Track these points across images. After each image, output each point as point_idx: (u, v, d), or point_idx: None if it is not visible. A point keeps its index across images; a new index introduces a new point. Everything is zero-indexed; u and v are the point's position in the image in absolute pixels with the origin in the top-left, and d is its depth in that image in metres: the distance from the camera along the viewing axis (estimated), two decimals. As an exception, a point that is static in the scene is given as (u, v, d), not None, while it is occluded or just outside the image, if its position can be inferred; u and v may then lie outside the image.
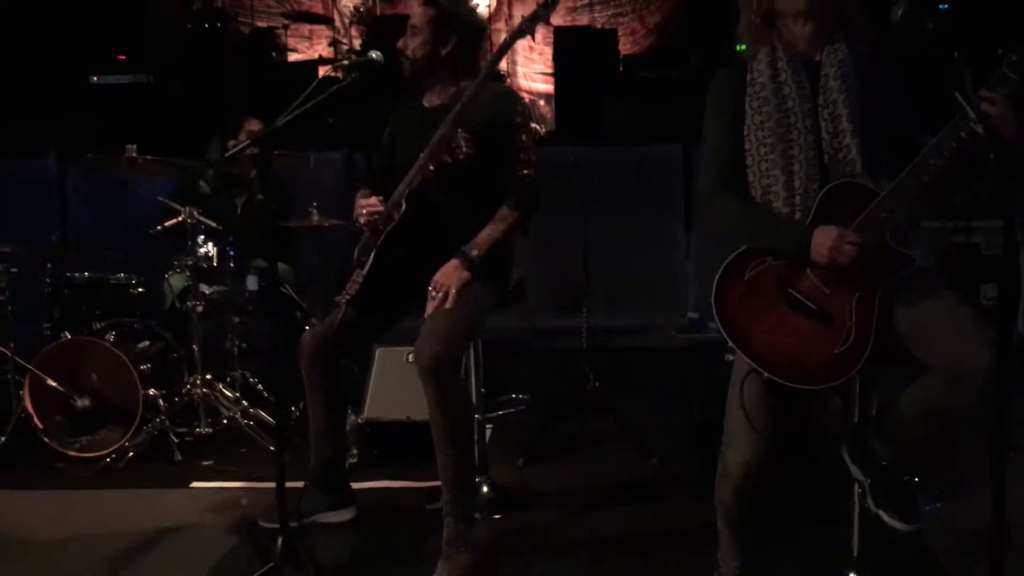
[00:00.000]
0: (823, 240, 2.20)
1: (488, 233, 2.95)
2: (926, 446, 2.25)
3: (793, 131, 2.29)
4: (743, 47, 2.45)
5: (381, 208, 3.08)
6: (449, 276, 2.90)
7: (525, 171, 3.00)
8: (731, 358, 2.46)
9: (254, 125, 4.80)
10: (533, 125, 3.22)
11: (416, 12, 3.05)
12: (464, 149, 2.96)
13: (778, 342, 2.25)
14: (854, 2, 2.29)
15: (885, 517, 2.26)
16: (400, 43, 3.07)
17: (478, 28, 3.18)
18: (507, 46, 3.05)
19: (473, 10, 3.24)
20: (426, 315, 2.90)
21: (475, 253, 2.92)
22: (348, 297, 3.11)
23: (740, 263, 2.33)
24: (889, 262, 2.21)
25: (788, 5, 2.27)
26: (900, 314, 2.20)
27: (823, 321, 2.23)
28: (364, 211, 3.09)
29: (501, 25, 7.81)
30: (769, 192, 2.32)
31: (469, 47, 3.07)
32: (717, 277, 2.33)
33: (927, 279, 2.24)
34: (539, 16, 2.83)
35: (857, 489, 2.44)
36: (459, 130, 2.90)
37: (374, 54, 3.04)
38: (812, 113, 2.29)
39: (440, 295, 2.88)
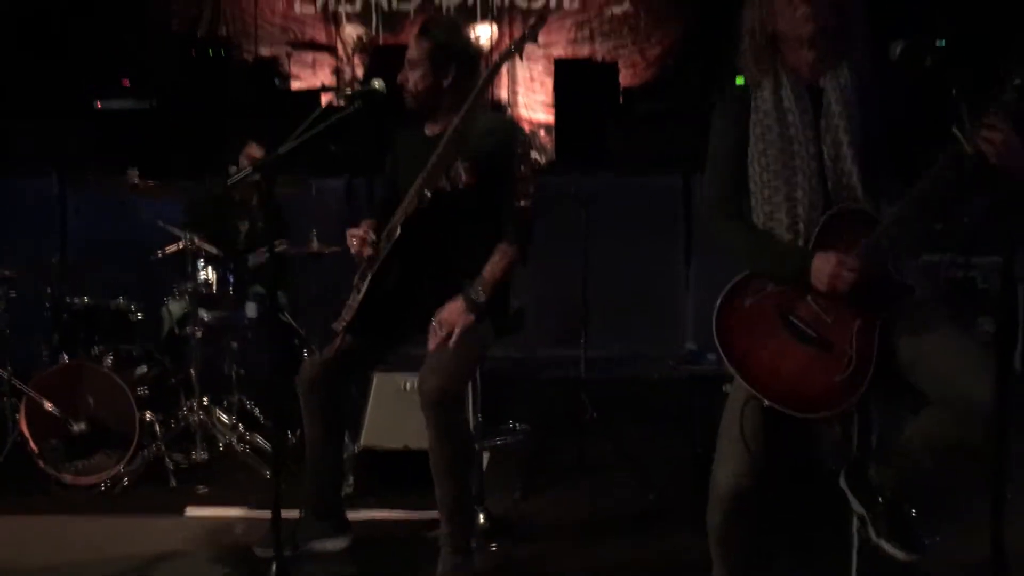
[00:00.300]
0: (823, 266, 2.21)
1: (491, 271, 2.96)
2: (930, 478, 2.25)
3: (796, 158, 2.30)
4: (741, 79, 2.47)
5: (366, 237, 3.10)
6: (454, 316, 2.91)
7: (523, 202, 3.01)
8: (728, 389, 2.46)
9: (254, 150, 4.82)
10: (533, 155, 3.24)
11: (412, 45, 3.07)
12: (463, 178, 2.96)
13: (778, 369, 2.25)
14: (858, 28, 2.30)
15: (887, 547, 2.25)
16: (400, 78, 3.08)
17: (475, 56, 3.21)
18: (496, 68, 3.07)
19: (468, 38, 3.26)
20: (430, 349, 2.91)
21: (481, 297, 2.92)
22: (344, 324, 3.11)
23: (741, 289, 2.33)
24: (890, 290, 2.21)
25: (794, 30, 2.27)
26: (903, 345, 2.20)
27: (824, 348, 2.23)
28: (354, 240, 3.12)
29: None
30: (772, 219, 2.33)
31: (469, 75, 3.09)
32: (718, 303, 2.33)
33: (929, 310, 2.24)
34: (526, 37, 2.88)
35: (856, 521, 2.43)
36: (458, 159, 2.91)
37: (377, 83, 3.08)
38: (815, 139, 2.30)
39: (444, 333, 2.88)
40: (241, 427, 4.19)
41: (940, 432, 2.14)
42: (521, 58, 2.99)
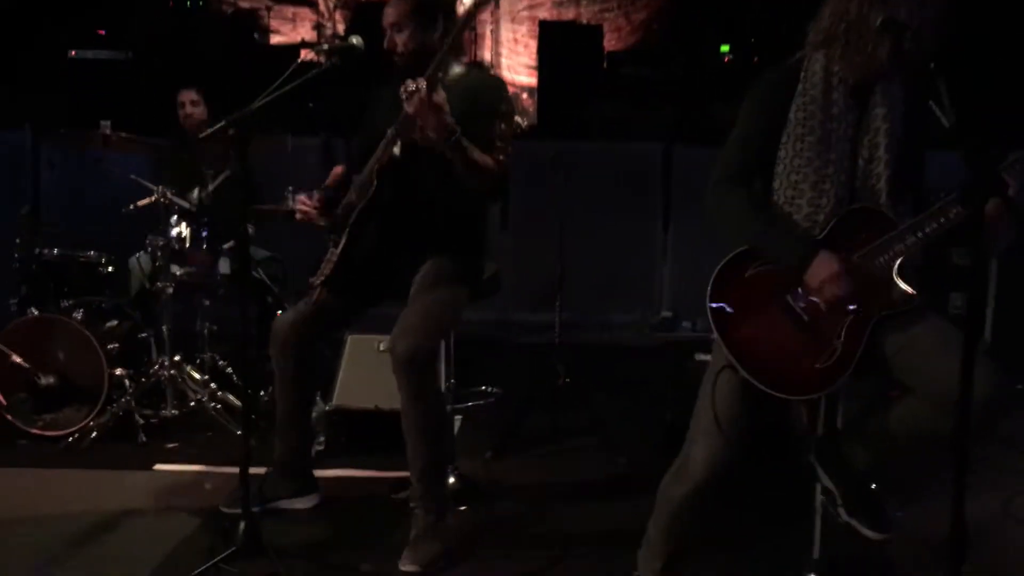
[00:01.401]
0: (821, 268, 2.19)
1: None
2: (902, 460, 2.27)
3: (832, 151, 2.27)
4: (727, 48, 2.43)
5: (312, 210, 3.11)
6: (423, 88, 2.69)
7: (500, 157, 2.95)
8: (702, 357, 2.46)
9: (186, 95, 4.75)
10: (516, 118, 3.19)
11: (389, 11, 2.98)
12: None
13: (762, 344, 2.25)
14: (925, 50, 2.19)
15: (858, 526, 2.27)
16: (387, 44, 3.00)
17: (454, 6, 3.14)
18: (473, 11, 2.97)
19: None
20: (407, 111, 2.73)
21: (463, 139, 2.77)
22: (323, 278, 3.08)
23: (745, 258, 2.31)
24: (892, 295, 2.20)
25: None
26: (888, 336, 2.20)
27: (812, 334, 2.23)
28: (299, 209, 3.12)
29: (486, 16, 7.78)
30: (792, 204, 2.30)
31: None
32: (720, 265, 2.31)
33: (917, 305, 2.24)
34: None
35: (821, 495, 2.45)
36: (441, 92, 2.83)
37: (355, 39, 3.02)
38: (853, 137, 2.28)
39: (412, 91, 2.70)
40: (212, 384, 4.17)
41: (920, 423, 2.16)
42: (496, 5, 2.91)
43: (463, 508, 3.28)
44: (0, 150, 6.37)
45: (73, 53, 6.86)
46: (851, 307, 2.20)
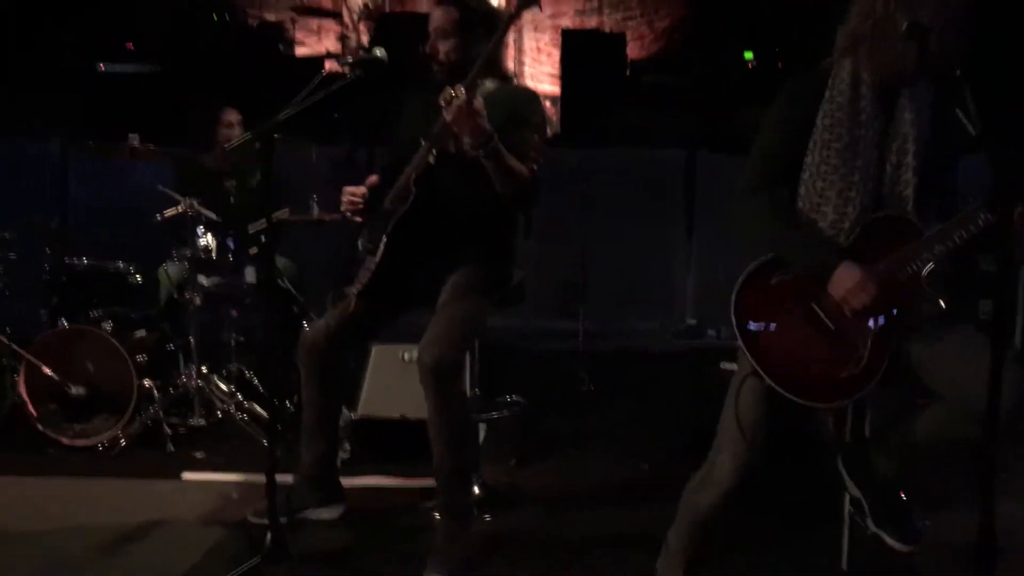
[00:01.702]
0: (845, 278, 2.18)
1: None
2: (930, 469, 2.26)
3: (859, 157, 2.25)
4: (750, 54, 2.43)
5: (360, 200, 3.09)
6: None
7: (533, 167, 2.97)
8: (727, 366, 2.45)
9: (231, 116, 4.81)
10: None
11: (438, 15, 3.00)
12: None
13: (787, 352, 2.24)
14: (951, 54, 2.17)
15: (886, 538, 2.25)
16: (429, 48, 3.01)
17: (496, 17, 3.14)
18: (511, 21, 2.95)
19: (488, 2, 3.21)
20: (447, 119, 2.74)
21: (500, 145, 2.79)
22: (360, 287, 3.09)
23: (770, 266, 2.30)
24: (920, 303, 2.19)
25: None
26: (916, 343, 2.19)
27: (838, 342, 2.21)
28: (346, 199, 3.10)
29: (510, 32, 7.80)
30: (818, 211, 2.28)
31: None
32: (745, 273, 2.30)
33: (942, 310, 2.22)
34: None
35: (849, 506, 2.43)
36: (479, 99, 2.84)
37: (379, 51, 3.04)
38: (880, 144, 2.26)
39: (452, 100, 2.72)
40: (239, 394, 4.20)
41: (948, 430, 2.15)
42: (540, 8, 2.90)
43: (488, 516, 3.29)
44: (29, 161, 6.47)
45: (102, 66, 6.95)
46: (875, 317, 2.19)
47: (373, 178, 3.29)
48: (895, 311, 2.19)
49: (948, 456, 2.22)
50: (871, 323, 2.19)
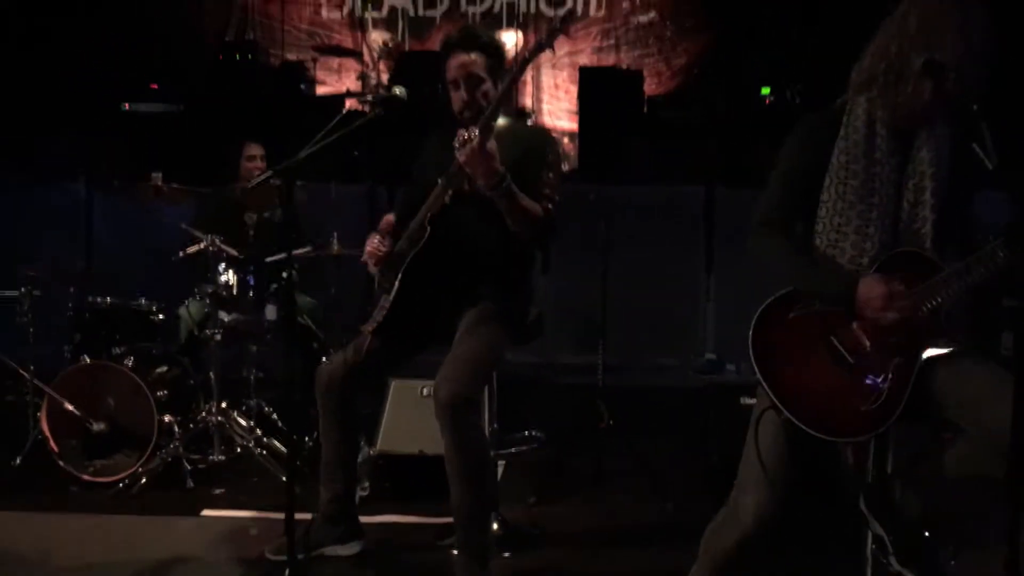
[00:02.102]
0: (871, 291, 2.16)
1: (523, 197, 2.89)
2: (956, 507, 2.22)
3: (876, 195, 2.25)
4: (767, 90, 2.44)
5: (384, 249, 3.13)
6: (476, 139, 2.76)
7: (549, 205, 3.00)
8: (747, 402, 2.43)
9: (254, 150, 4.87)
10: (562, 165, 3.23)
11: (469, 60, 3.00)
12: None
13: (806, 386, 2.22)
14: (968, 91, 2.17)
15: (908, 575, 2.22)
16: (466, 98, 3.01)
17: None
18: (524, 65, 3.02)
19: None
20: (459, 160, 2.78)
21: (506, 178, 2.82)
22: (375, 326, 3.11)
23: (787, 300, 2.29)
24: (937, 339, 2.18)
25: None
26: (938, 378, 2.17)
27: (858, 376, 2.20)
28: (369, 248, 3.14)
29: (528, 70, 7.89)
30: (836, 247, 2.28)
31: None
32: (761, 308, 2.29)
33: (964, 344, 2.21)
34: (557, 30, 2.80)
35: (872, 543, 2.39)
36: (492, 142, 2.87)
37: (398, 90, 3.09)
38: (898, 181, 2.26)
39: (466, 141, 2.77)
40: (258, 430, 4.21)
41: (973, 466, 2.12)
42: (553, 51, 2.94)
43: (507, 554, 3.26)
44: (56, 201, 6.56)
45: (127, 106, 7.06)
46: (899, 340, 2.17)
47: (389, 217, 3.32)
48: (913, 345, 2.17)
49: (974, 493, 2.18)
50: (891, 357, 2.18)
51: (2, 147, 6.70)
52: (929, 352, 2.18)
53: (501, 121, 2.98)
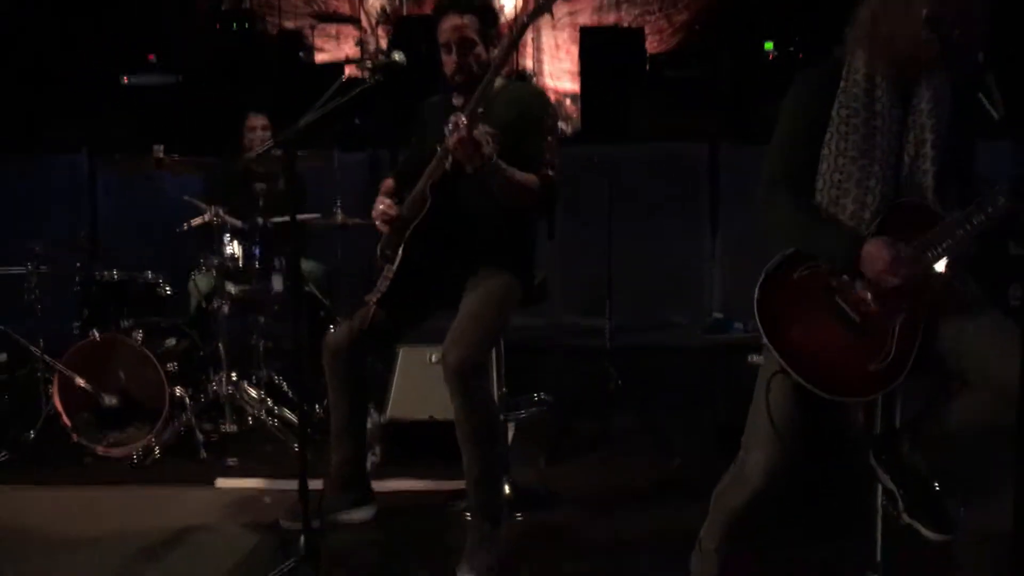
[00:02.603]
0: (877, 254, 2.15)
1: (514, 171, 2.89)
2: (967, 455, 2.22)
3: (877, 148, 2.23)
4: (770, 45, 2.41)
5: (394, 211, 3.11)
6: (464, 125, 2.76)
7: (549, 171, 3.00)
8: (755, 359, 2.43)
9: (257, 120, 4.85)
10: (560, 125, 3.21)
11: (462, 24, 2.98)
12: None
13: (813, 347, 2.21)
14: (973, 42, 2.15)
15: (921, 528, 2.23)
16: (458, 62, 3.00)
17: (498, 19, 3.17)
18: (523, 29, 2.99)
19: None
20: (450, 142, 2.79)
21: (493, 155, 2.82)
22: (379, 295, 3.11)
23: (792, 261, 2.28)
24: (943, 290, 2.17)
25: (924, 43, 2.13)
26: (943, 330, 2.17)
27: (864, 335, 2.19)
28: (378, 209, 3.13)
29: (529, 28, 7.81)
30: (837, 203, 2.26)
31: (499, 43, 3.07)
32: (766, 270, 2.28)
33: (970, 295, 2.20)
34: None
35: (881, 496, 2.41)
36: (483, 126, 2.87)
37: (397, 56, 3.05)
38: (899, 133, 2.24)
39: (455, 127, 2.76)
40: (269, 400, 4.24)
41: (980, 416, 2.12)
42: (552, 15, 2.92)
43: (519, 516, 3.29)
44: (58, 175, 6.55)
45: (126, 79, 7.03)
46: (905, 305, 2.16)
47: (388, 182, 3.30)
48: (918, 299, 2.17)
49: (982, 443, 2.19)
50: (896, 313, 2.17)
51: (3, 124, 6.68)
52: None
53: (497, 83, 2.96)
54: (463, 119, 2.75)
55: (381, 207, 3.17)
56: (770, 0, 7.28)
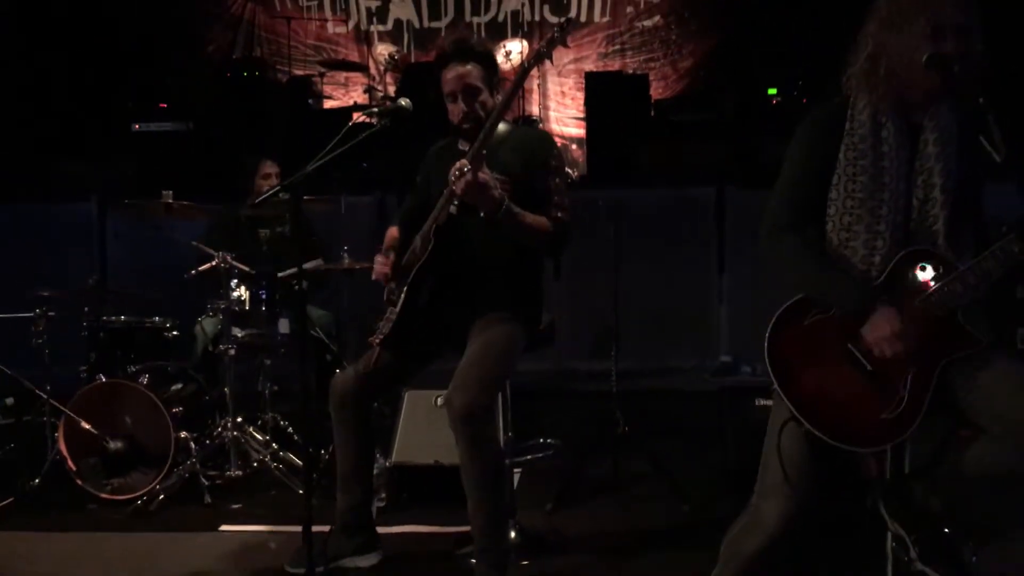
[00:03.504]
0: (882, 324, 2.15)
1: (525, 213, 2.91)
2: (980, 501, 2.20)
3: (885, 191, 2.22)
4: (773, 91, 2.43)
5: (389, 271, 3.15)
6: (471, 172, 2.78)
7: (559, 213, 3.02)
8: (764, 403, 2.41)
9: (269, 168, 4.90)
10: (567, 169, 3.24)
11: (466, 72, 3.03)
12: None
13: (825, 394, 2.19)
14: (975, 77, 2.16)
15: (932, 574, 2.19)
16: (465, 108, 3.03)
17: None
18: (524, 74, 3.04)
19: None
20: (456, 191, 2.81)
21: (513, 208, 2.85)
22: (382, 337, 3.12)
23: (803, 305, 2.26)
24: (956, 339, 2.16)
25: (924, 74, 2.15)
26: (957, 377, 2.15)
27: (876, 383, 2.17)
28: (378, 269, 3.17)
29: (533, 71, 7.89)
30: (847, 246, 2.25)
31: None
32: (776, 314, 2.26)
33: (983, 341, 2.19)
34: (554, 40, 2.83)
35: (892, 543, 2.37)
36: (491, 173, 2.89)
37: (403, 101, 3.10)
38: (907, 176, 2.23)
39: (459, 174, 2.80)
40: (274, 444, 4.22)
41: (994, 463, 2.10)
42: (552, 61, 2.97)
43: (525, 562, 3.25)
44: (68, 222, 6.60)
45: (136, 126, 7.11)
46: (912, 361, 2.15)
47: (393, 231, 3.32)
48: (932, 347, 2.15)
49: (999, 490, 2.16)
50: (911, 363, 2.15)
51: (15, 169, 6.75)
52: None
53: (501, 127, 2.99)
54: (466, 164, 2.77)
55: (378, 266, 3.20)
56: (773, 45, 7.36)
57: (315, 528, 2.78)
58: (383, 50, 8.30)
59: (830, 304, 2.24)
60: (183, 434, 4.02)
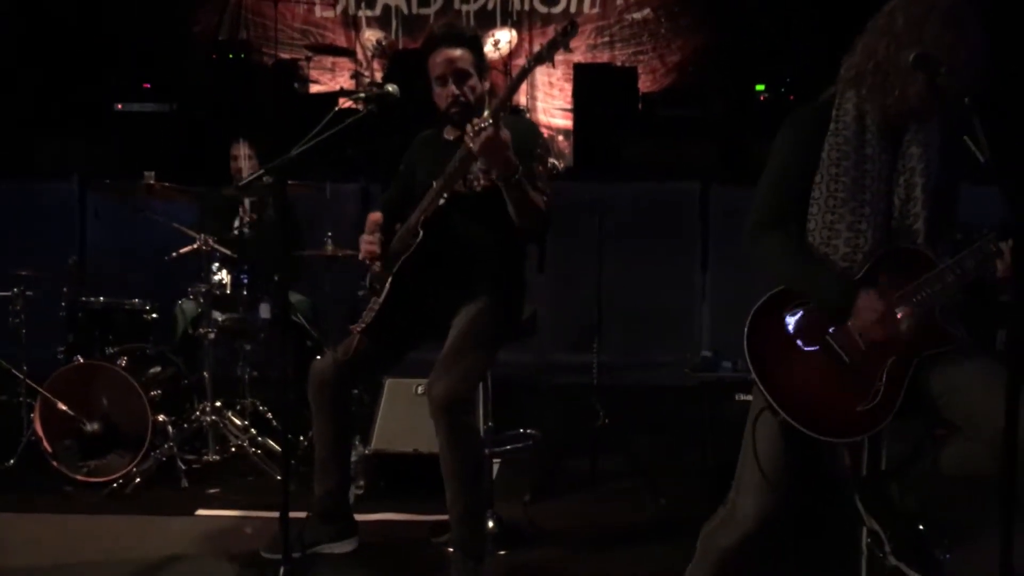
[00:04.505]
0: (870, 306, 2.16)
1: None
2: (952, 503, 2.22)
3: (867, 191, 2.23)
4: (762, 87, 2.42)
5: (377, 249, 3.11)
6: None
7: (543, 198, 3.00)
8: (743, 398, 2.42)
9: (237, 150, 4.86)
10: (552, 160, 3.22)
11: (458, 56, 3.01)
12: (481, 181, 2.96)
13: (802, 385, 2.21)
14: (961, 86, 2.11)
15: (905, 569, 2.21)
16: (454, 92, 3.01)
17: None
18: (526, 72, 3.01)
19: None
20: (475, 150, 2.74)
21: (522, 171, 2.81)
22: (364, 326, 3.11)
23: (783, 297, 2.28)
24: (933, 336, 2.18)
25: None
26: (933, 375, 2.17)
27: (853, 375, 2.19)
28: (364, 247, 3.12)
29: (522, 60, 7.87)
30: (829, 244, 2.26)
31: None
32: (756, 306, 2.28)
33: (962, 343, 2.21)
34: (558, 43, 2.79)
35: (867, 538, 2.39)
36: (476, 162, 2.88)
37: (390, 87, 3.08)
38: (889, 176, 2.25)
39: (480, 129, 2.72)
40: (253, 429, 4.20)
41: (968, 462, 2.12)
42: (553, 65, 2.95)
43: (502, 552, 3.26)
44: (48, 201, 6.53)
45: (119, 106, 7.04)
46: (894, 348, 2.16)
47: (375, 215, 3.30)
48: (909, 343, 2.17)
49: (969, 488, 2.18)
50: (886, 355, 2.17)
51: (-4, 147, 6.68)
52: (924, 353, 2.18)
53: (485, 115, 2.97)
54: (487, 120, 2.69)
55: (366, 245, 3.17)
56: (762, 42, 7.37)
57: (292, 514, 2.78)
58: (371, 36, 8.24)
59: (812, 297, 2.26)
60: (161, 417, 4.00)
